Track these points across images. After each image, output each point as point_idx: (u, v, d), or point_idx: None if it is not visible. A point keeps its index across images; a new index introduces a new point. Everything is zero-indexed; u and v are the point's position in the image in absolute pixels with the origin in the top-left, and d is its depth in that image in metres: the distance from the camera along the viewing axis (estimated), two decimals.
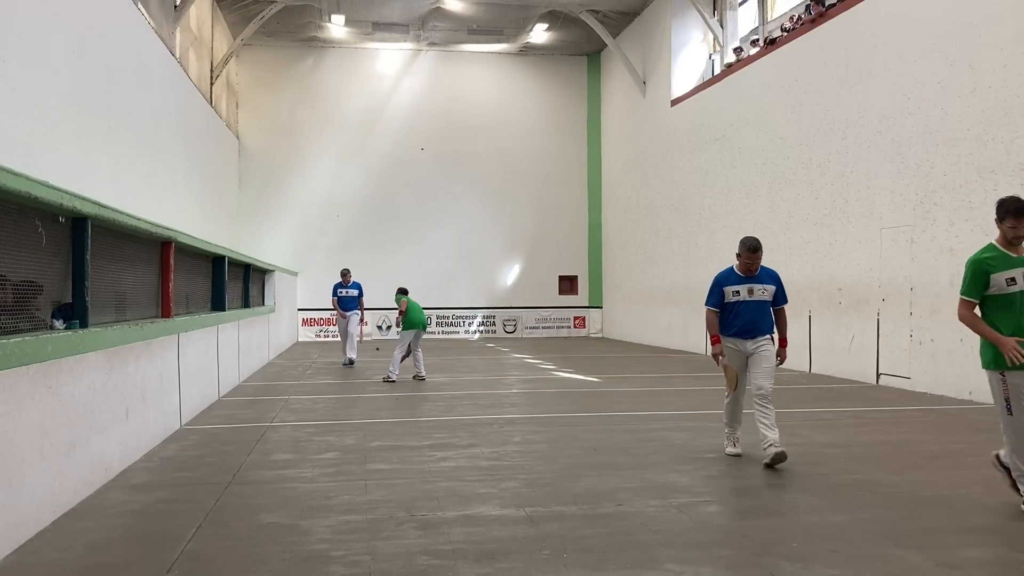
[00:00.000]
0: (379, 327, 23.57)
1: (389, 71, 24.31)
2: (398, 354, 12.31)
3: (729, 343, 6.42)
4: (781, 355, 6.41)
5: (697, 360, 16.19)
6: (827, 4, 13.47)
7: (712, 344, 6.50)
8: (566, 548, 4.18)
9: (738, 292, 6.34)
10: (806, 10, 14.26)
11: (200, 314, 9.11)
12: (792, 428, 7.81)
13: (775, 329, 6.51)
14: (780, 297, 6.45)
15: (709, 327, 6.50)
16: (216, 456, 6.69)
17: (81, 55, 10.59)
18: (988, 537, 4.38)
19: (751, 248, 6.29)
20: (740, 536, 4.42)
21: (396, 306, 12.76)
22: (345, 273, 15.15)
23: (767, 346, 6.34)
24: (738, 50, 17.06)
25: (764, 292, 6.34)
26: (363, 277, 20.91)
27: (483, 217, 24.58)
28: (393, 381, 12.12)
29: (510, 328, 24.67)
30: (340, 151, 23.97)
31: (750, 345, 6.34)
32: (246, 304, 12.73)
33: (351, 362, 14.88)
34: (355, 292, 15.01)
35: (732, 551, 4.15)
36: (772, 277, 6.44)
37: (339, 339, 15.91)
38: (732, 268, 6.47)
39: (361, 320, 15.05)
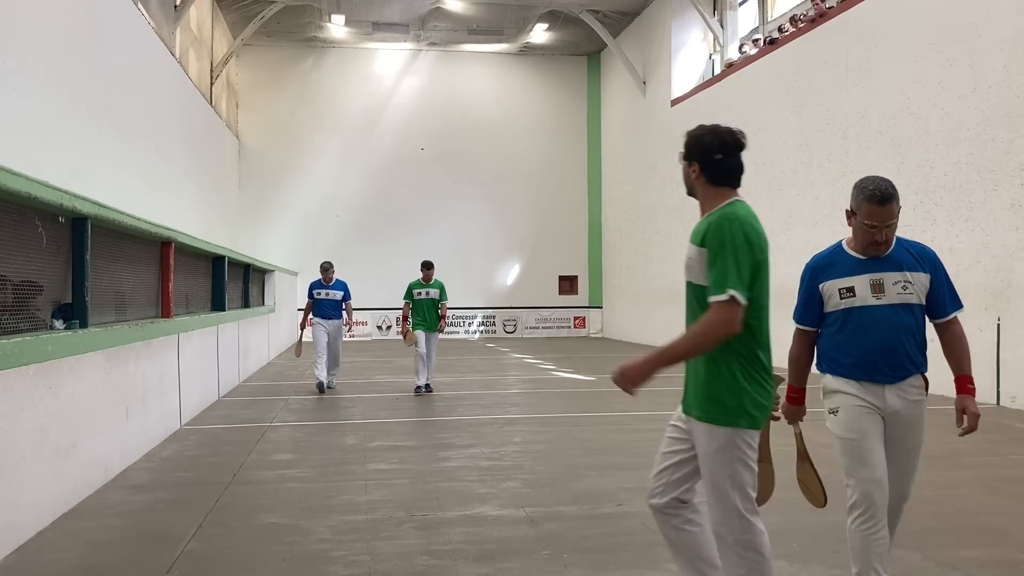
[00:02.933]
0: (379, 327, 23.58)
1: (389, 71, 24.32)
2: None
3: (845, 390, 3.19)
4: (968, 412, 3.28)
5: None
6: (827, 4, 13.46)
7: (788, 399, 3.48)
8: (566, 548, 4.18)
9: (851, 290, 3.18)
10: (806, 12, 14.26)
11: (200, 314, 9.11)
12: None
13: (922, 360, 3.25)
14: (944, 299, 3.22)
15: (791, 366, 3.44)
16: (216, 456, 6.69)
17: (81, 55, 10.59)
18: (988, 537, 4.38)
19: (879, 196, 3.11)
20: None
21: (437, 297, 10.69)
22: (327, 268, 11.19)
23: (921, 402, 3.25)
24: (741, 47, 17.05)
25: (907, 288, 3.13)
26: (363, 277, 20.95)
27: (483, 217, 24.59)
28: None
29: (510, 328, 24.67)
30: (340, 151, 23.98)
31: (892, 396, 3.16)
32: (246, 304, 12.73)
33: (323, 387, 10.84)
34: (339, 295, 11.12)
35: None
36: (923, 258, 3.20)
37: (315, 349, 11.05)
38: (840, 245, 3.37)
39: (348, 326, 11.37)
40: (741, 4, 17.93)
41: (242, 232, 22.89)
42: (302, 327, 11.57)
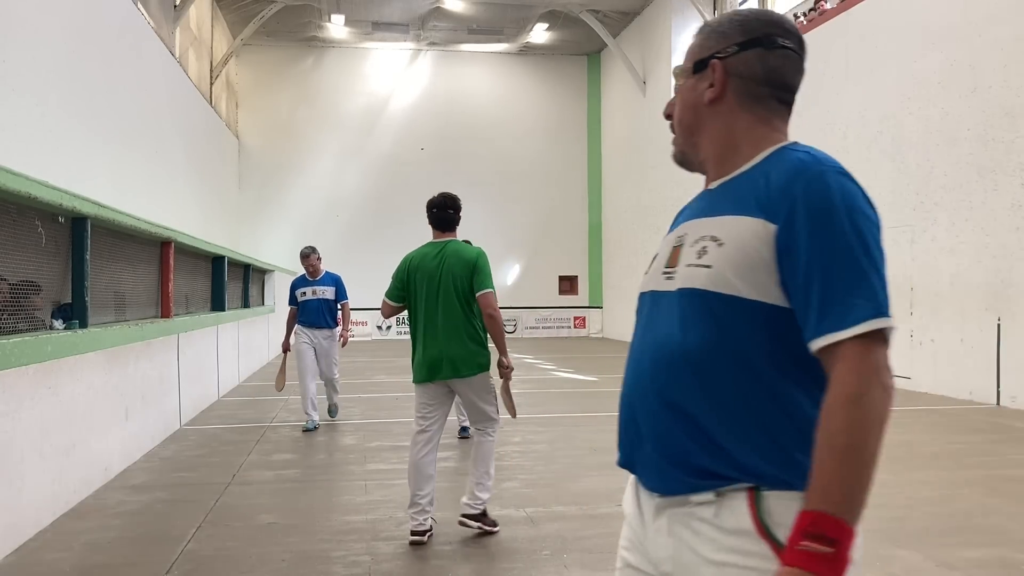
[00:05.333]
0: (379, 327, 23.56)
1: (389, 71, 24.31)
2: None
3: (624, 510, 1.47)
4: None
5: None
6: (827, 4, 13.46)
7: None
8: (566, 548, 4.18)
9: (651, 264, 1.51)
10: (807, 11, 14.26)
11: (200, 314, 9.11)
12: None
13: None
14: (808, 298, 1.20)
15: None
16: (216, 456, 6.69)
17: (81, 55, 10.59)
18: (988, 537, 4.38)
19: None
20: None
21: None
22: (307, 254, 8.12)
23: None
24: None
25: (704, 254, 1.31)
26: (363, 278, 20.89)
27: (483, 217, 24.55)
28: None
29: (510, 328, 24.66)
30: (340, 151, 23.98)
31: (661, 533, 1.32)
32: (246, 304, 12.73)
33: (314, 426, 7.82)
34: (330, 291, 8.13)
35: None
36: (777, 186, 1.28)
37: (299, 372, 8.09)
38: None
39: (344, 338, 8.30)
40: (741, 4, 17.93)
41: (242, 232, 22.89)
42: (286, 348, 8.40)
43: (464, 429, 7.38)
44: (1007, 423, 8.13)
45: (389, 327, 23.50)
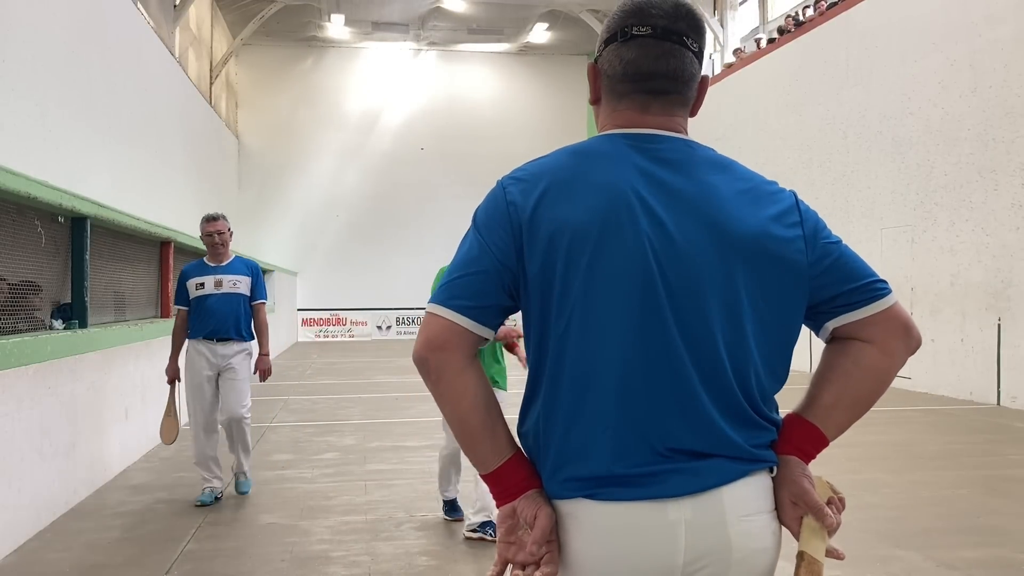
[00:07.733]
0: (379, 327, 23.53)
1: (389, 71, 24.32)
2: None
3: None
4: None
5: None
6: (828, 3, 13.47)
7: None
8: None
9: None
10: (809, 8, 14.27)
11: None
12: None
13: None
14: None
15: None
16: None
17: (81, 55, 10.58)
18: (988, 537, 4.38)
19: None
20: None
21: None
22: (214, 219, 5.26)
23: None
24: (738, 51, 17.07)
25: None
26: (363, 277, 20.89)
27: None
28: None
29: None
30: (340, 151, 23.98)
31: None
32: None
33: (218, 496, 5.12)
34: (244, 284, 5.35)
35: None
36: None
37: (190, 413, 5.36)
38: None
39: (263, 369, 5.47)
40: (741, 4, 17.94)
41: (242, 232, 22.86)
42: (172, 377, 5.36)
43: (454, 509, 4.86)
44: (1007, 423, 8.13)
45: (389, 327, 23.50)
